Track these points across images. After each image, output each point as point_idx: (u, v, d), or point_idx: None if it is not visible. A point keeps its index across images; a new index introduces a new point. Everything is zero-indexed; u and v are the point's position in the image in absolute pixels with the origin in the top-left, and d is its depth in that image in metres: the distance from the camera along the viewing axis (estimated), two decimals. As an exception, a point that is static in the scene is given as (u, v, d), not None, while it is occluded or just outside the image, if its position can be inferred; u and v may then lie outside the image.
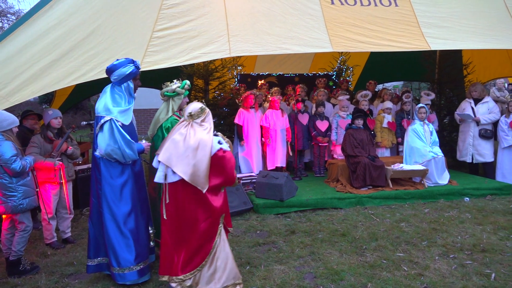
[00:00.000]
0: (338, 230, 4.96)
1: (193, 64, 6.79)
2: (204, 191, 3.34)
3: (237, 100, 7.63)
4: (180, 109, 4.22)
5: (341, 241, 4.64)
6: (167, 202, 3.39)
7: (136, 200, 3.74)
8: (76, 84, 5.03)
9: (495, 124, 7.27)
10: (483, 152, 7.26)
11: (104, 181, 3.65)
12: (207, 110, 3.53)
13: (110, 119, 3.54)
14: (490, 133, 7.24)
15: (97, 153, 3.67)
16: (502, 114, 7.20)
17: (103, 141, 3.55)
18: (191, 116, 3.43)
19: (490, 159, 7.29)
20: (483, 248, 4.32)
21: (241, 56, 8.22)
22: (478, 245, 4.40)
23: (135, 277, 3.67)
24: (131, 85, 3.74)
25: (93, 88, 8.77)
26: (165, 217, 3.40)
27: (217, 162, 3.39)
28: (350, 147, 6.59)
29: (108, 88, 3.74)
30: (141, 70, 3.90)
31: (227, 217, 3.65)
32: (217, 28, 5.36)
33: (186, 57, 5.12)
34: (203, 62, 7.09)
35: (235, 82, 8.60)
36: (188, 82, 4.24)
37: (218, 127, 7.41)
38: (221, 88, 7.67)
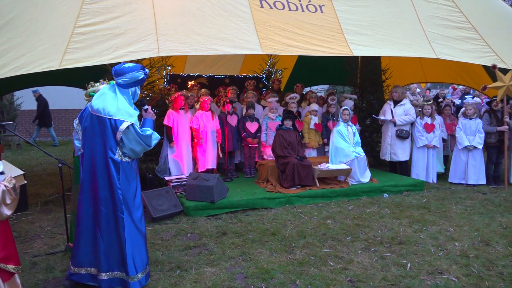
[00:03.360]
0: (268, 230, 5.05)
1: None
2: None
3: (167, 101, 7.46)
4: None
5: (271, 240, 4.73)
6: None
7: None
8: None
9: (413, 125, 7.80)
10: (398, 151, 7.71)
11: (124, 184, 3.45)
12: None
13: (131, 124, 3.37)
14: (406, 134, 7.68)
15: (116, 156, 3.41)
16: (417, 116, 7.80)
17: (134, 144, 3.42)
18: None
19: (404, 158, 7.73)
20: (400, 241, 4.66)
21: (170, 56, 8.06)
22: (396, 238, 4.74)
23: (145, 281, 3.58)
24: (138, 92, 3.59)
25: (6, 86, 8.04)
26: None
27: None
28: (280, 148, 6.75)
29: (111, 89, 3.51)
30: (61, 68, 3.66)
31: (9, 255, 3.01)
32: (145, 27, 5.19)
33: (111, 55, 4.88)
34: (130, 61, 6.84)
35: (164, 83, 8.40)
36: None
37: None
38: (149, 89, 7.45)
